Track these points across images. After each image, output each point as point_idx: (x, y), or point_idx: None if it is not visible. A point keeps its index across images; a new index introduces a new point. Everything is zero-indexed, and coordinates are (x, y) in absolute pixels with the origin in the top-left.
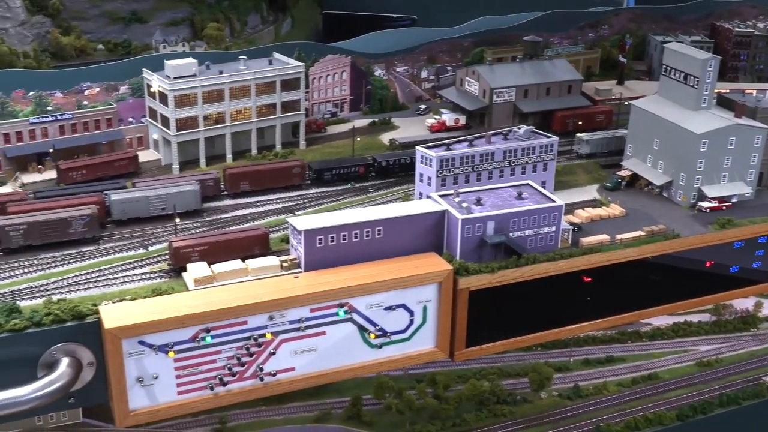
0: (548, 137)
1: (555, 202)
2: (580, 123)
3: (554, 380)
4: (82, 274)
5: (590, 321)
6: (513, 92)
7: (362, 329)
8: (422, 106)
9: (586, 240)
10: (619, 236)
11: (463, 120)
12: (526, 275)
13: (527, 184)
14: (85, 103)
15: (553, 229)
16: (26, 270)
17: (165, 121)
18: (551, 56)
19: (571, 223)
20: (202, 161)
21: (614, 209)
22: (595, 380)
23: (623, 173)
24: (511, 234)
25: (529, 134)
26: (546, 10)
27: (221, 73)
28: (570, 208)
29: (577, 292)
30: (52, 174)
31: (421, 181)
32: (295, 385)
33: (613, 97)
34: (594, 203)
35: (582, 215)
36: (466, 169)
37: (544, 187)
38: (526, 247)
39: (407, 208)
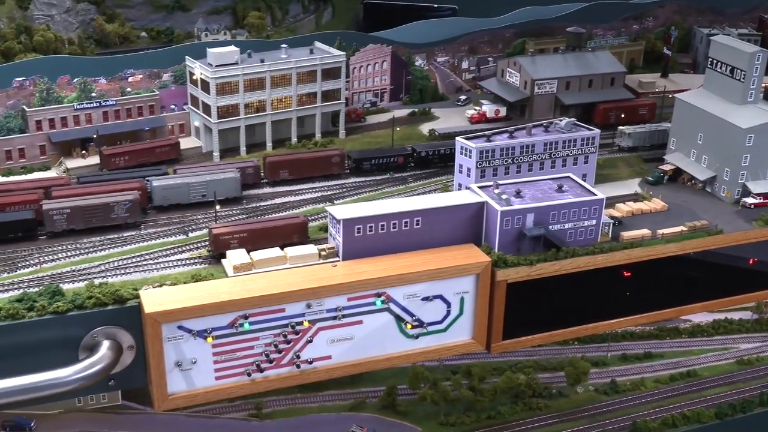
0: (590, 130)
1: (596, 195)
2: (622, 116)
3: (591, 375)
4: (124, 259)
5: (629, 316)
6: (555, 84)
7: (399, 319)
8: (462, 97)
9: (627, 234)
10: (660, 231)
11: (503, 111)
12: (564, 268)
13: (568, 177)
14: (129, 89)
15: (593, 222)
16: (69, 253)
17: (206, 109)
18: (594, 48)
19: (612, 217)
20: (243, 149)
21: (656, 204)
22: (633, 376)
23: (666, 167)
24: (550, 227)
25: (571, 126)
26: (590, 1)
27: (263, 61)
28: (611, 202)
29: (616, 286)
30: (95, 159)
31: (461, 172)
32: (332, 374)
33: (657, 90)
34: (635, 197)
35: (623, 209)
36: (506, 161)
37: (584, 180)
38: (565, 240)
39: (446, 199)
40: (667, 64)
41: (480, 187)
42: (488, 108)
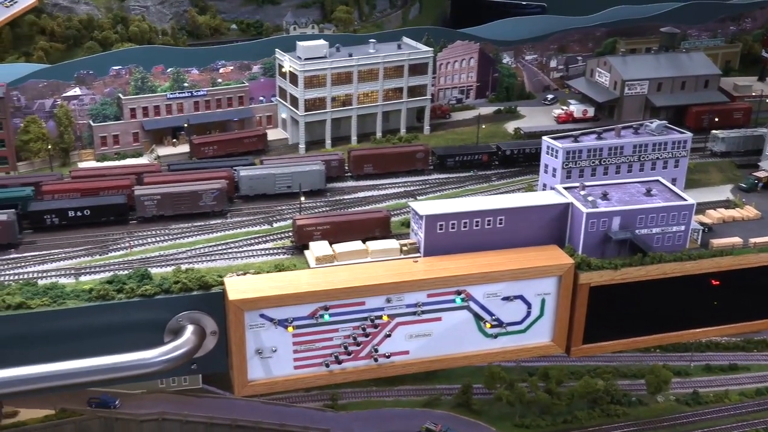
0: (681, 133)
1: (686, 200)
2: (716, 120)
3: (672, 384)
4: (210, 246)
5: (715, 326)
6: (646, 85)
7: (478, 318)
8: (550, 96)
9: (717, 242)
10: (752, 240)
11: (591, 112)
12: (650, 274)
13: (657, 181)
14: (219, 80)
15: (682, 228)
16: (158, 239)
17: (294, 101)
18: (688, 49)
19: (702, 224)
20: (328, 142)
21: (749, 211)
22: (716, 388)
23: (760, 174)
24: (637, 231)
25: (662, 129)
26: (685, 1)
27: (350, 55)
28: (701, 208)
29: (703, 295)
30: (185, 148)
31: (546, 172)
32: (409, 369)
33: (753, 94)
34: (727, 204)
35: (713, 216)
36: (593, 162)
37: (674, 185)
38: (652, 246)
39: (530, 199)
40: (765, 67)
41: (565, 188)
42: (576, 108)
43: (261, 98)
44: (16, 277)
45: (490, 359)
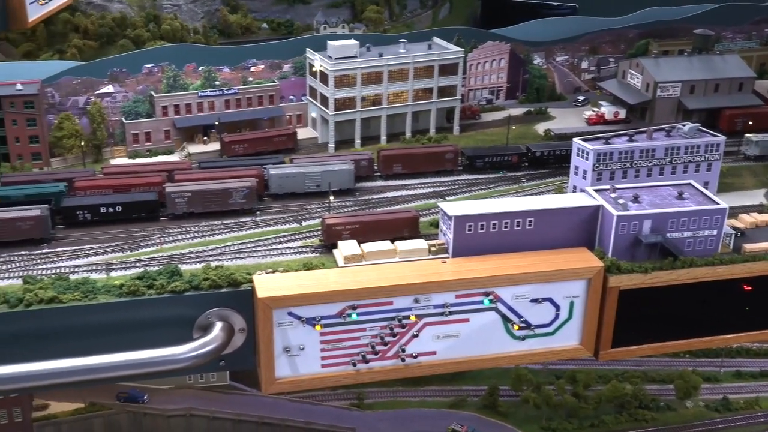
0: (715, 136)
1: (718, 204)
2: (750, 123)
3: (702, 390)
4: (239, 244)
5: (746, 332)
6: (678, 87)
7: (506, 319)
8: (580, 98)
9: (749, 247)
10: None
11: (623, 114)
12: (681, 278)
13: (689, 184)
14: (250, 79)
15: (714, 232)
16: (188, 235)
17: (324, 101)
18: (722, 51)
19: (734, 228)
20: (357, 141)
21: None
22: (747, 395)
23: None
24: (668, 234)
25: (694, 132)
26: (720, 2)
27: (381, 55)
28: (734, 212)
29: (734, 300)
30: (215, 146)
31: (576, 174)
32: (435, 369)
33: None
34: (760, 208)
35: (746, 220)
36: (624, 165)
37: (706, 188)
38: (683, 250)
39: (560, 201)
40: None
41: (596, 190)
42: (607, 110)
43: (291, 97)
44: (49, 272)
45: (518, 361)
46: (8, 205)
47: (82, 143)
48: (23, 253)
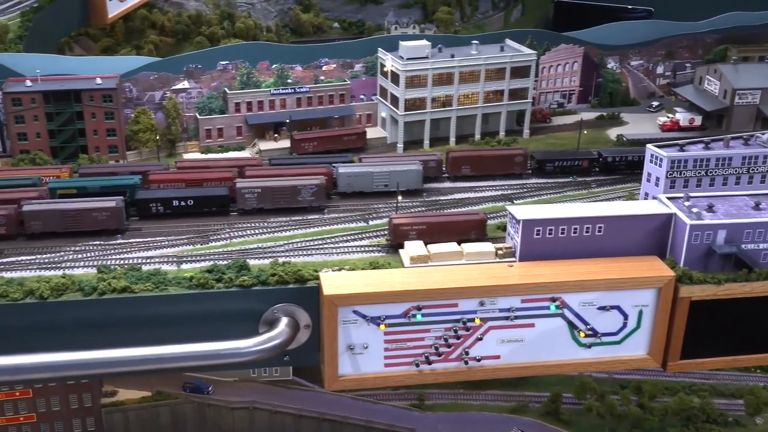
0: None
1: None
2: None
3: None
4: (307, 241)
5: None
6: (758, 95)
7: (572, 326)
8: (655, 103)
9: None
10: None
11: (698, 120)
12: (755, 291)
13: (766, 194)
14: (322, 78)
15: None
16: (257, 231)
17: (394, 101)
18: None
19: None
20: (426, 142)
21: None
22: None
23: None
24: (743, 246)
25: None
26: None
27: (452, 56)
28: None
29: None
30: (286, 143)
31: (649, 180)
32: (498, 373)
33: None
34: None
35: None
36: (699, 173)
37: None
38: (759, 262)
39: (631, 208)
40: None
41: (669, 198)
42: (682, 116)
43: (362, 96)
44: (122, 262)
45: (583, 369)
46: (85, 195)
47: (157, 137)
48: (98, 243)
